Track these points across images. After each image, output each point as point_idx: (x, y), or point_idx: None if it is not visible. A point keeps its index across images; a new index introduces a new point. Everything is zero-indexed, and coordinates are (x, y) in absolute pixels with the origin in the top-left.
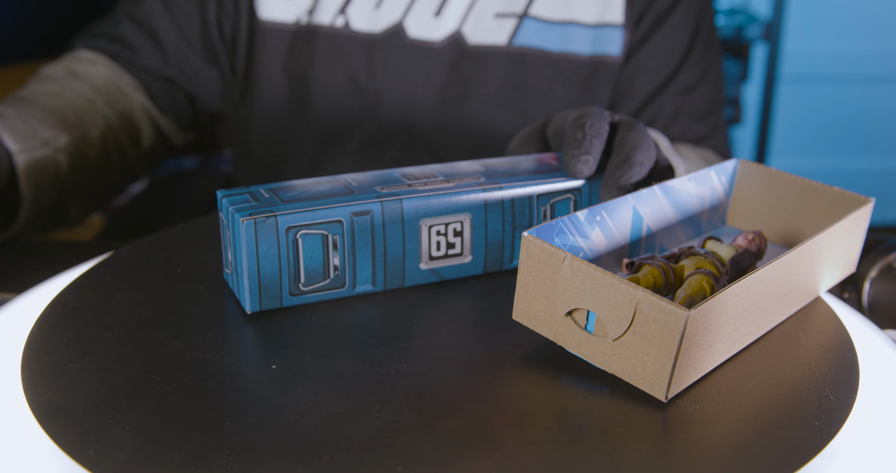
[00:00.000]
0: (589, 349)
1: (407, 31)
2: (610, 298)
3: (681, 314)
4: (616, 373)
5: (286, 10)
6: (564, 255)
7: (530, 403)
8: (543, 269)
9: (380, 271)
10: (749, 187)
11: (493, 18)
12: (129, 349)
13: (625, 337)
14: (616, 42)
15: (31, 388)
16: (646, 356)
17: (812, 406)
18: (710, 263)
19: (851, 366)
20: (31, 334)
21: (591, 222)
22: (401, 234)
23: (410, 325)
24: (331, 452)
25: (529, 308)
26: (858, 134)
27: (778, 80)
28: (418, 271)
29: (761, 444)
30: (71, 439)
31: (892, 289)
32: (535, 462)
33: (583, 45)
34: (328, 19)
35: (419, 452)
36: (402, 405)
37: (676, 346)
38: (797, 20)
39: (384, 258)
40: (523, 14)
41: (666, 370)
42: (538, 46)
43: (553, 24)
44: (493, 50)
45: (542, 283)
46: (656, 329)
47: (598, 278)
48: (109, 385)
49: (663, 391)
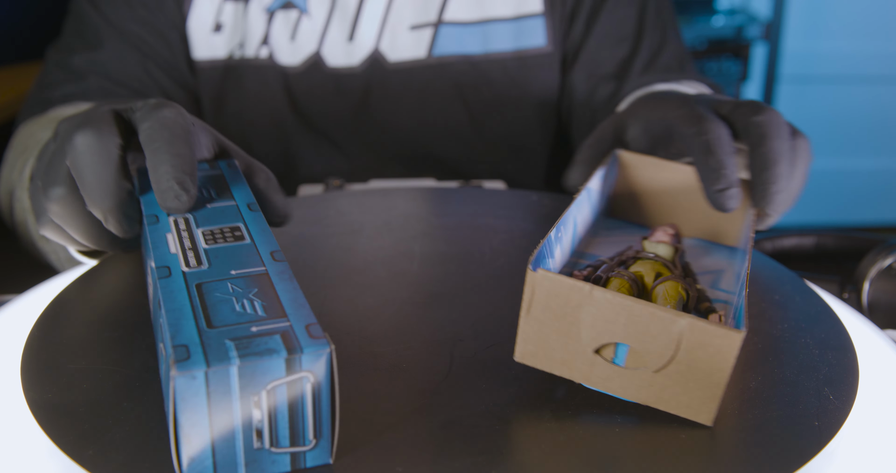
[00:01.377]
0: (619, 384)
1: (325, 61)
2: (649, 328)
3: (735, 336)
4: (653, 404)
5: (218, 46)
6: (590, 288)
7: (530, 403)
8: (561, 304)
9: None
10: (630, 176)
11: (408, 31)
12: (129, 349)
13: (668, 367)
14: (538, 32)
15: (31, 388)
16: (692, 382)
17: (811, 406)
18: (663, 266)
19: (851, 366)
20: (31, 334)
21: (557, 239)
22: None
23: (410, 325)
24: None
25: (539, 348)
26: (858, 134)
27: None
28: None
29: (761, 444)
30: (70, 439)
31: (892, 289)
32: (535, 462)
33: (504, 41)
34: (253, 52)
35: (419, 452)
36: (401, 405)
37: (730, 369)
38: (797, 20)
39: None
40: (438, 21)
41: (717, 395)
42: (459, 52)
43: (470, 25)
44: (414, 65)
45: (559, 320)
46: (706, 355)
47: (633, 308)
48: (109, 386)
49: (711, 415)
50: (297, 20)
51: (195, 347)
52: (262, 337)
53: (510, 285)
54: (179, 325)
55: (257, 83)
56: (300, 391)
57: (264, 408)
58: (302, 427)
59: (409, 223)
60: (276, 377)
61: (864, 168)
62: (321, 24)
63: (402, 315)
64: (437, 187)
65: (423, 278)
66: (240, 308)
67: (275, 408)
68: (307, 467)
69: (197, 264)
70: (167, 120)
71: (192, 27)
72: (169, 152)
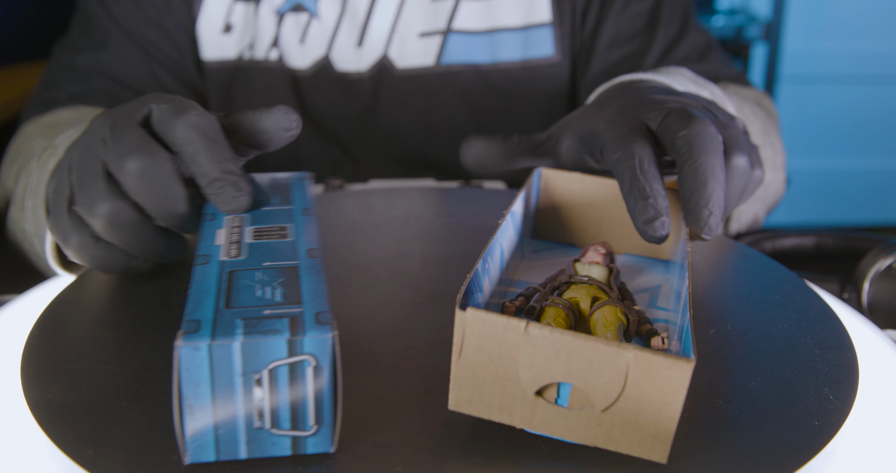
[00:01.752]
0: (564, 426)
1: (334, 65)
2: (592, 364)
3: (686, 366)
4: (603, 445)
5: (228, 47)
6: (525, 325)
7: None
8: (496, 345)
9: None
10: (553, 194)
11: (417, 38)
12: (129, 349)
13: (615, 404)
14: (547, 42)
15: (31, 388)
16: (642, 419)
17: (811, 406)
18: (598, 289)
19: (851, 366)
20: (31, 334)
21: (485, 271)
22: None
23: (410, 325)
24: (330, 452)
25: (475, 394)
26: (858, 134)
27: (778, 80)
28: None
29: (761, 444)
30: (70, 439)
31: (892, 289)
32: (535, 462)
33: (512, 51)
34: (263, 53)
35: (419, 453)
36: (401, 405)
37: (681, 401)
38: (797, 20)
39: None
40: (447, 30)
41: (670, 430)
42: (467, 62)
43: (479, 34)
44: (422, 72)
45: (494, 361)
46: (655, 388)
47: (573, 344)
48: (109, 386)
49: (664, 453)
50: (306, 23)
51: (207, 323)
52: (271, 319)
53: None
54: (199, 304)
55: (266, 85)
56: (301, 374)
57: (265, 387)
58: (303, 411)
59: (409, 223)
60: (277, 358)
61: (864, 168)
62: (331, 28)
63: (402, 315)
64: (437, 187)
65: (423, 278)
66: (260, 294)
67: (276, 389)
68: (308, 453)
69: (237, 255)
70: (199, 126)
71: (202, 28)
72: (213, 160)
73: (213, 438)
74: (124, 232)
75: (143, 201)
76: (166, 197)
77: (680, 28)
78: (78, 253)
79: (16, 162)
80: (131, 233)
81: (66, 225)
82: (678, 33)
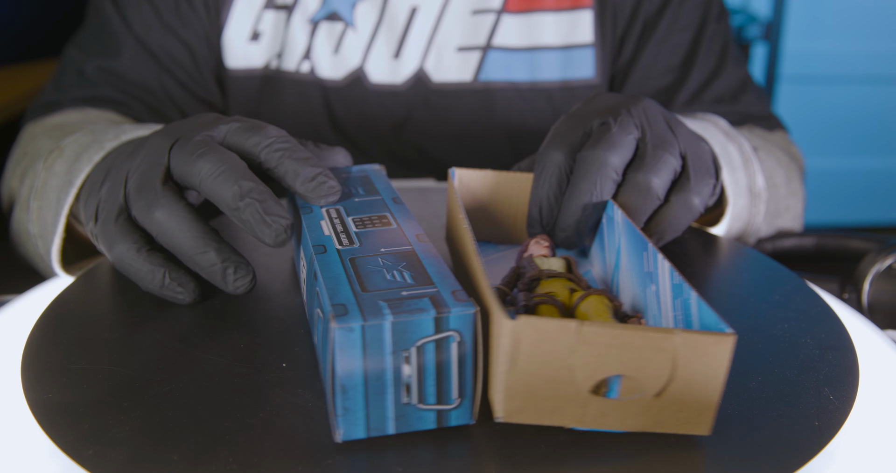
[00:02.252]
0: (616, 418)
1: (368, 77)
2: (644, 352)
3: (729, 340)
4: (651, 429)
5: (255, 56)
6: (577, 324)
7: None
8: (549, 349)
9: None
10: (471, 194)
11: (455, 53)
12: (130, 349)
13: (667, 387)
14: (587, 64)
15: (31, 388)
16: (689, 397)
17: (811, 406)
18: (568, 280)
19: (851, 366)
20: (31, 334)
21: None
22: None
23: None
24: (330, 452)
25: (526, 402)
26: (858, 134)
27: (778, 80)
28: None
29: (761, 444)
30: (71, 439)
31: (892, 289)
32: (535, 462)
33: (552, 71)
34: (294, 65)
35: (418, 452)
36: None
37: (724, 375)
38: (797, 20)
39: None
40: (487, 46)
41: (714, 403)
42: (506, 79)
43: (519, 52)
44: (458, 87)
45: (547, 366)
46: (701, 366)
47: (625, 336)
48: (109, 386)
49: (710, 425)
50: (341, 33)
51: (352, 305)
52: (413, 299)
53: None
54: (337, 289)
55: (296, 97)
56: (447, 349)
57: (414, 364)
58: (447, 386)
59: None
60: (425, 335)
61: (864, 168)
62: (366, 39)
63: None
64: (437, 187)
65: None
66: (390, 277)
67: (423, 365)
68: (450, 426)
69: (350, 243)
70: (279, 134)
71: (229, 36)
72: (301, 160)
73: (364, 415)
74: (178, 232)
75: (174, 249)
76: (241, 186)
77: (717, 65)
78: (120, 263)
79: (22, 162)
80: (184, 232)
81: (113, 232)
82: (714, 71)
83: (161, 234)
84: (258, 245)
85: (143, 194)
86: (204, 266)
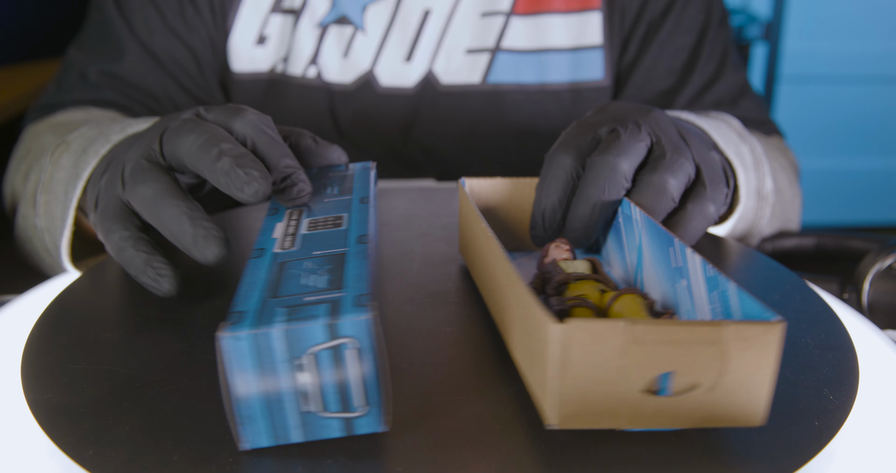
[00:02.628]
0: (669, 416)
1: (378, 80)
2: (694, 346)
3: (777, 326)
4: (706, 424)
5: (260, 60)
6: (623, 324)
7: (531, 403)
8: (601, 351)
9: None
10: (482, 202)
11: (464, 55)
12: (130, 349)
13: (722, 378)
14: (597, 65)
15: (31, 388)
16: (742, 388)
17: (811, 406)
18: (598, 282)
19: (851, 366)
20: (31, 334)
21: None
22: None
23: (410, 325)
24: (330, 452)
25: (581, 407)
26: (858, 134)
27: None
28: None
29: (761, 443)
30: (71, 440)
31: (892, 289)
32: (536, 462)
33: (560, 72)
34: (300, 70)
35: (419, 452)
36: (401, 405)
37: (777, 360)
38: (797, 20)
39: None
40: (496, 48)
41: (765, 392)
42: (515, 81)
43: (528, 54)
44: (467, 89)
45: (598, 368)
46: (751, 356)
47: (674, 331)
48: (109, 386)
49: (763, 415)
50: (350, 37)
51: (253, 313)
52: (312, 305)
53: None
54: (247, 296)
55: (301, 101)
56: (342, 357)
57: (310, 372)
58: (348, 394)
59: (409, 223)
60: (317, 342)
61: (864, 168)
62: (377, 42)
63: (402, 315)
64: (437, 187)
65: (423, 278)
66: (305, 282)
67: (321, 373)
68: (359, 434)
69: (290, 246)
70: (257, 123)
71: (235, 40)
72: (274, 154)
73: (267, 424)
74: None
75: (195, 164)
76: (221, 148)
77: (717, 68)
78: (115, 251)
79: (25, 159)
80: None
81: (109, 219)
82: (714, 74)
83: (145, 209)
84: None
85: (132, 174)
86: (178, 234)
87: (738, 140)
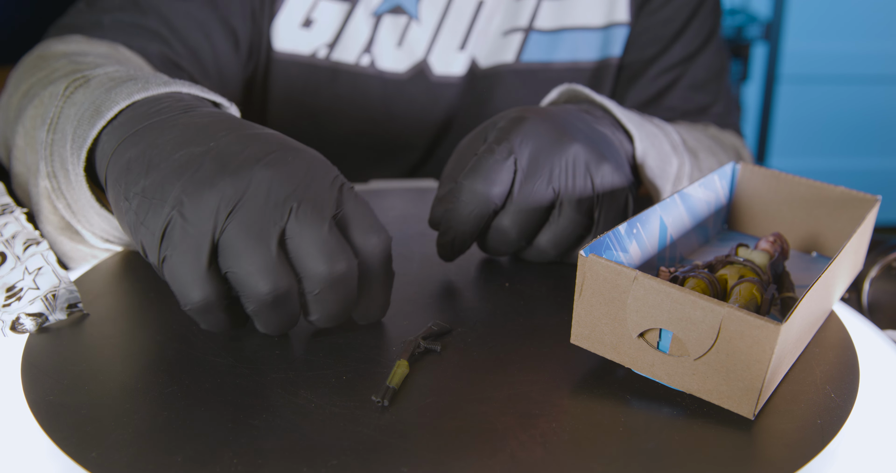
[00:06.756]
0: (664, 370)
1: (432, 69)
2: (690, 316)
3: (774, 329)
4: (696, 393)
5: (303, 42)
6: (635, 274)
7: (534, 403)
8: (610, 289)
9: None
10: (750, 189)
11: (499, 36)
12: (132, 350)
13: (708, 355)
14: (620, 41)
15: (32, 389)
16: (732, 373)
17: (812, 405)
18: (751, 270)
19: (852, 364)
20: (31, 335)
21: (630, 235)
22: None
23: (410, 325)
24: (335, 453)
25: (592, 331)
26: (858, 134)
27: (778, 80)
28: None
29: (763, 442)
30: (74, 441)
31: (892, 289)
32: (539, 463)
33: (591, 51)
34: (353, 57)
35: (423, 453)
36: (405, 406)
37: (768, 361)
38: (797, 20)
39: None
40: (528, 28)
41: (756, 387)
42: (546, 60)
43: (560, 32)
44: (502, 69)
45: (608, 304)
46: (745, 346)
47: (675, 296)
48: (111, 388)
49: (751, 408)
50: (405, 26)
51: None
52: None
53: (511, 284)
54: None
55: (353, 89)
56: None
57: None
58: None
59: (409, 223)
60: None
61: (864, 168)
62: (431, 32)
63: (402, 315)
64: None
65: (423, 278)
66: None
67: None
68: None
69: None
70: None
71: (281, 20)
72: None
73: None
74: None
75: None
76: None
77: (700, 44)
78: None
79: (36, 74)
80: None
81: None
82: (697, 49)
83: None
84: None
85: (253, 254)
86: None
87: (672, 152)
